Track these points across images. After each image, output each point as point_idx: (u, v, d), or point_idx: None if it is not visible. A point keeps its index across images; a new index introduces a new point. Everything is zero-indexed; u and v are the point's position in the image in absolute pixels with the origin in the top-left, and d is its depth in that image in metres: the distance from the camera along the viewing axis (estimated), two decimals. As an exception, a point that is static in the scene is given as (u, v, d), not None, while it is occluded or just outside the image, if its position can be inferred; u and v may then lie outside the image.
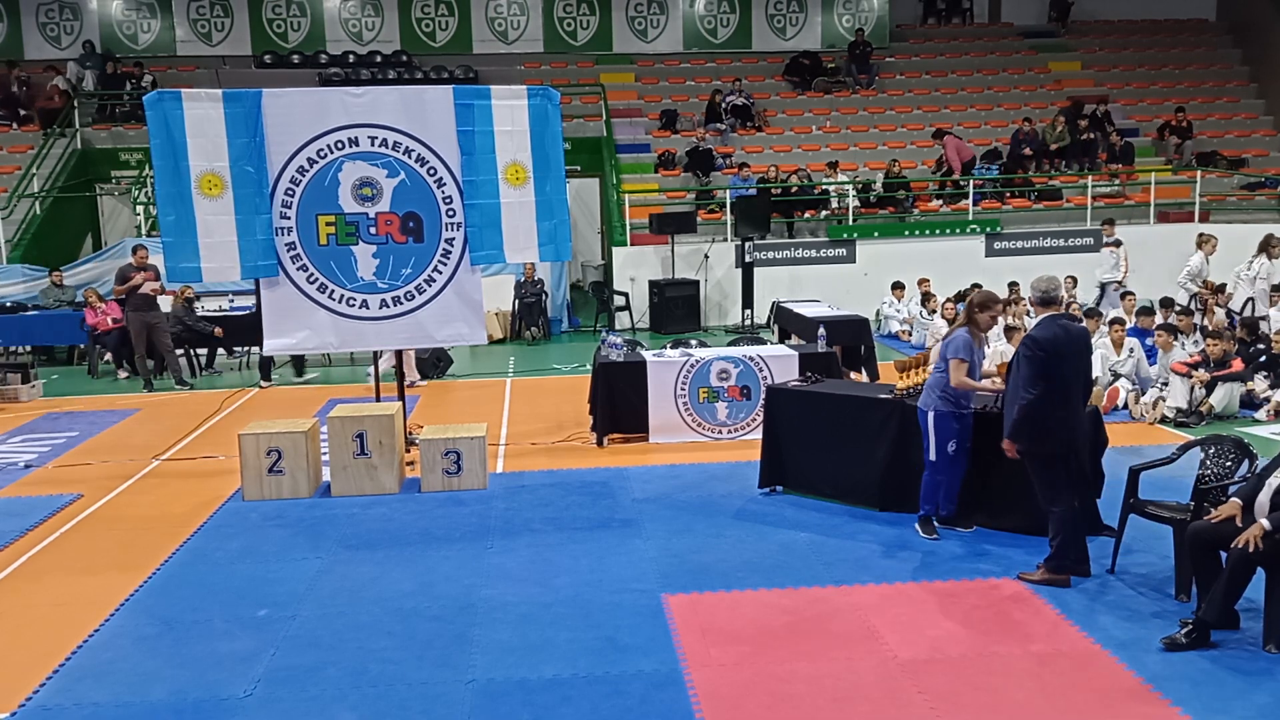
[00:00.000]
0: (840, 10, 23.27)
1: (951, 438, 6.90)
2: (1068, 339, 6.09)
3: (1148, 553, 6.56)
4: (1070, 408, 6.12)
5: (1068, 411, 6.10)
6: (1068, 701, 4.90)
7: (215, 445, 10.16)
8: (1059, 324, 6.14)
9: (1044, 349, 6.02)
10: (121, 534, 7.69)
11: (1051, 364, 6.00)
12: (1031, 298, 6.44)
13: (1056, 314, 6.22)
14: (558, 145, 9.20)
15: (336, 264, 8.98)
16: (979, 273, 16.90)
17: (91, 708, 5.05)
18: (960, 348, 6.79)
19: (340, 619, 6.00)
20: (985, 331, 7.03)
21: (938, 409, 6.90)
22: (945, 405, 6.89)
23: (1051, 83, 22.49)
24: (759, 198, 18.06)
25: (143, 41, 21.93)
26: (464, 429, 8.73)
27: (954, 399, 6.90)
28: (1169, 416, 10.24)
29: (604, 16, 22.76)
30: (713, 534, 7.32)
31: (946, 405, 6.89)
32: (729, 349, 10.47)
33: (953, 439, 6.90)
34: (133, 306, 13.10)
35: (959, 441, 6.93)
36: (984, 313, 6.93)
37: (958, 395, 6.89)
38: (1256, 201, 19.47)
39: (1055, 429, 6.05)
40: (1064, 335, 6.08)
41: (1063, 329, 6.12)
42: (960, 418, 6.92)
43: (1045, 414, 6.03)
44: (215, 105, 8.61)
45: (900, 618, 5.85)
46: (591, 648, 5.54)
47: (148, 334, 13.22)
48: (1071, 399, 6.13)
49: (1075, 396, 6.18)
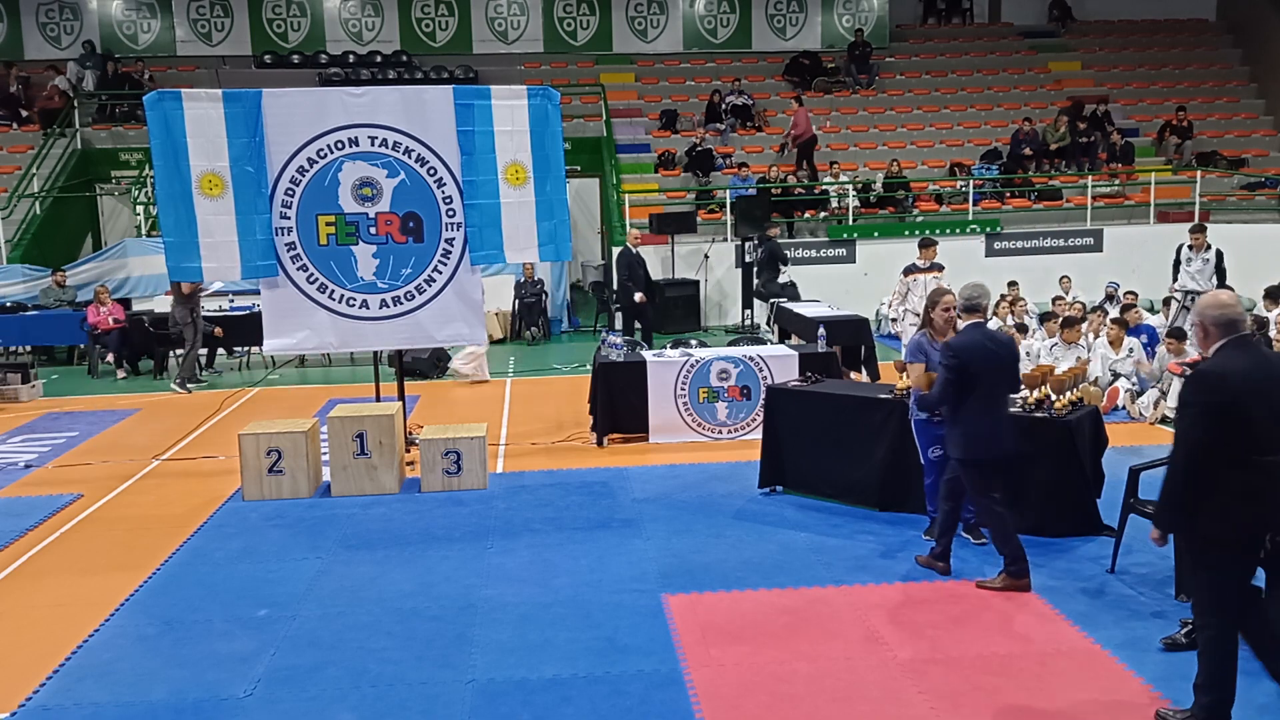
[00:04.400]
0: (840, 10, 23.28)
1: (933, 444, 6.75)
2: (989, 347, 6.07)
3: (1148, 553, 6.54)
4: (994, 415, 6.08)
5: (991, 419, 6.06)
6: (1068, 701, 4.90)
7: (215, 445, 10.16)
8: (982, 332, 6.16)
9: (958, 356, 6.00)
10: (121, 534, 7.69)
11: (967, 371, 5.98)
12: (958, 305, 6.45)
13: (980, 321, 6.22)
14: (558, 145, 9.20)
15: (336, 264, 8.99)
16: (979, 272, 16.87)
17: (91, 708, 5.05)
18: (911, 351, 6.83)
19: (340, 619, 6.00)
20: (945, 328, 6.80)
21: (918, 417, 6.84)
22: (923, 412, 6.74)
23: (1051, 83, 22.49)
24: (759, 198, 18.06)
25: (143, 41, 21.93)
26: (464, 429, 8.73)
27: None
28: (1169, 416, 10.24)
29: (604, 16, 22.76)
30: (713, 534, 7.32)
31: (924, 412, 6.73)
32: (729, 349, 10.47)
33: (934, 444, 6.74)
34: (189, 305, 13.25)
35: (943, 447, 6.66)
36: (934, 309, 6.85)
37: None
38: (1256, 201, 19.46)
39: (977, 436, 6.01)
40: (985, 343, 6.08)
41: (986, 336, 6.14)
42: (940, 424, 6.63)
43: (968, 421, 6.02)
44: (215, 105, 8.62)
45: (900, 618, 5.85)
46: (591, 648, 5.54)
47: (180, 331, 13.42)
48: (994, 407, 6.10)
49: (999, 405, 6.16)
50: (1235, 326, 4.36)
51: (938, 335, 6.81)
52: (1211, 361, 4.42)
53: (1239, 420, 4.20)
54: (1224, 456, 4.23)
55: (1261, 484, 4.21)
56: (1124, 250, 17.88)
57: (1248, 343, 4.37)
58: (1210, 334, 4.41)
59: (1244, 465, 4.21)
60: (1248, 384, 4.22)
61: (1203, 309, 4.47)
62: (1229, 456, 4.22)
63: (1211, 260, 13.40)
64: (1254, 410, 4.20)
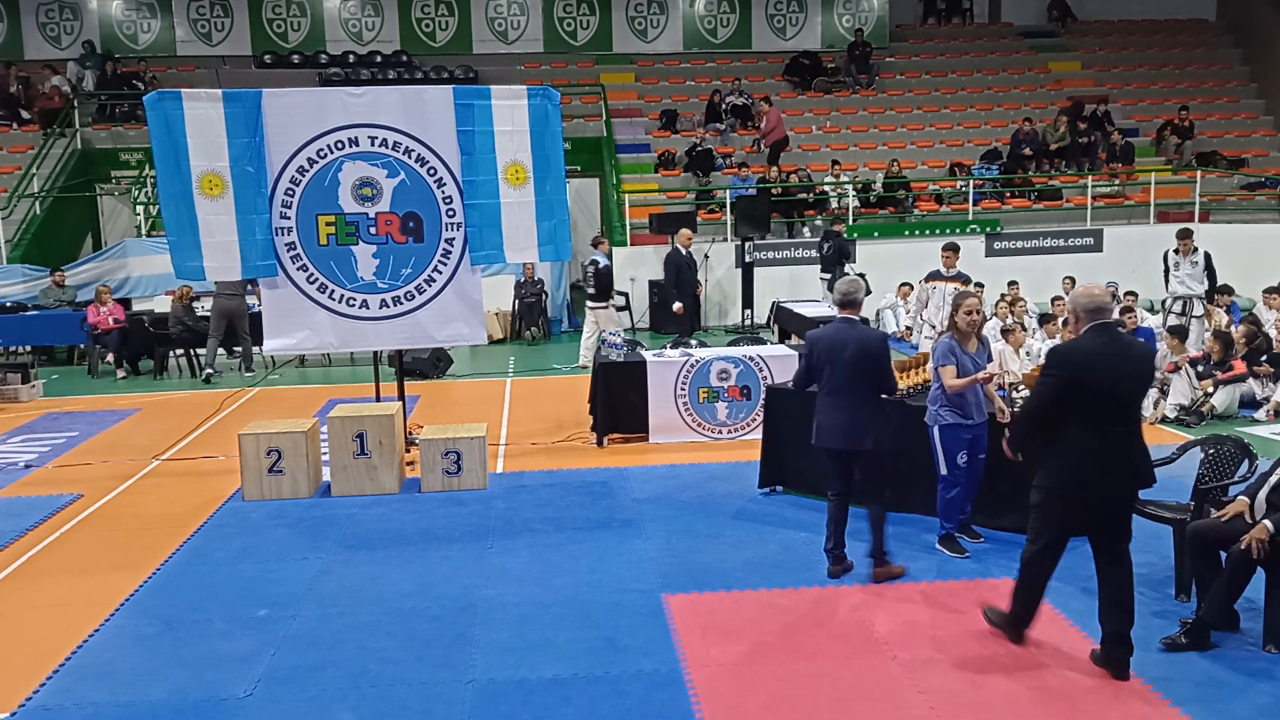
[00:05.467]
0: (840, 10, 23.27)
1: (961, 449, 6.67)
2: (844, 338, 6.26)
3: (1148, 553, 6.54)
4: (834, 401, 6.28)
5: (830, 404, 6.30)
6: (1068, 701, 4.90)
7: (215, 445, 10.16)
8: (848, 323, 6.35)
9: (810, 345, 6.45)
10: (121, 534, 7.69)
11: (818, 360, 6.34)
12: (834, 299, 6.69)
13: (851, 315, 6.40)
14: (558, 145, 9.21)
15: (336, 264, 8.99)
16: (979, 273, 16.86)
17: (91, 708, 5.05)
18: (942, 354, 6.71)
19: (340, 619, 6.00)
20: (969, 331, 6.78)
21: (942, 422, 6.68)
22: (950, 416, 6.66)
23: (1051, 83, 22.48)
24: (759, 198, 18.06)
25: (143, 41, 21.92)
26: (464, 429, 8.73)
27: (959, 409, 6.65)
28: (1169, 417, 10.24)
29: (604, 16, 22.76)
30: (713, 534, 7.32)
31: (952, 416, 6.65)
32: (729, 349, 10.46)
33: (963, 450, 6.67)
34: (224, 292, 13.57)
35: (970, 452, 6.70)
36: (958, 313, 6.81)
37: (962, 405, 6.65)
38: (1256, 201, 19.46)
39: (819, 420, 6.37)
40: (844, 334, 6.28)
41: (849, 326, 6.32)
42: (969, 428, 6.67)
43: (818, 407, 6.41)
44: (215, 105, 8.62)
45: (900, 618, 5.85)
46: (591, 648, 5.54)
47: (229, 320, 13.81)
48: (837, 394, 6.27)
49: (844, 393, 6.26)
50: (1100, 313, 5.03)
51: (962, 339, 6.75)
52: (1072, 341, 5.15)
53: (1084, 392, 4.91)
54: (1069, 420, 4.97)
55: (1096, 448, 4.94)
56: (1124, 250, 17.88)
57: (1108, 328, 5.04)
58: (1080, 319, 5.08)
59: (1084, 430, 4.95)
60: (1098, 362, 4.91)
61: (1075, 298, 5.15)
62: (1074, 421, 4.96)
63: (1201, 263, 13.24)
64: (1099, 385, 4.90)
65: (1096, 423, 4.92)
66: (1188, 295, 13.23)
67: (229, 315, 13.81)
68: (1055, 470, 5.08)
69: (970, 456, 6.71)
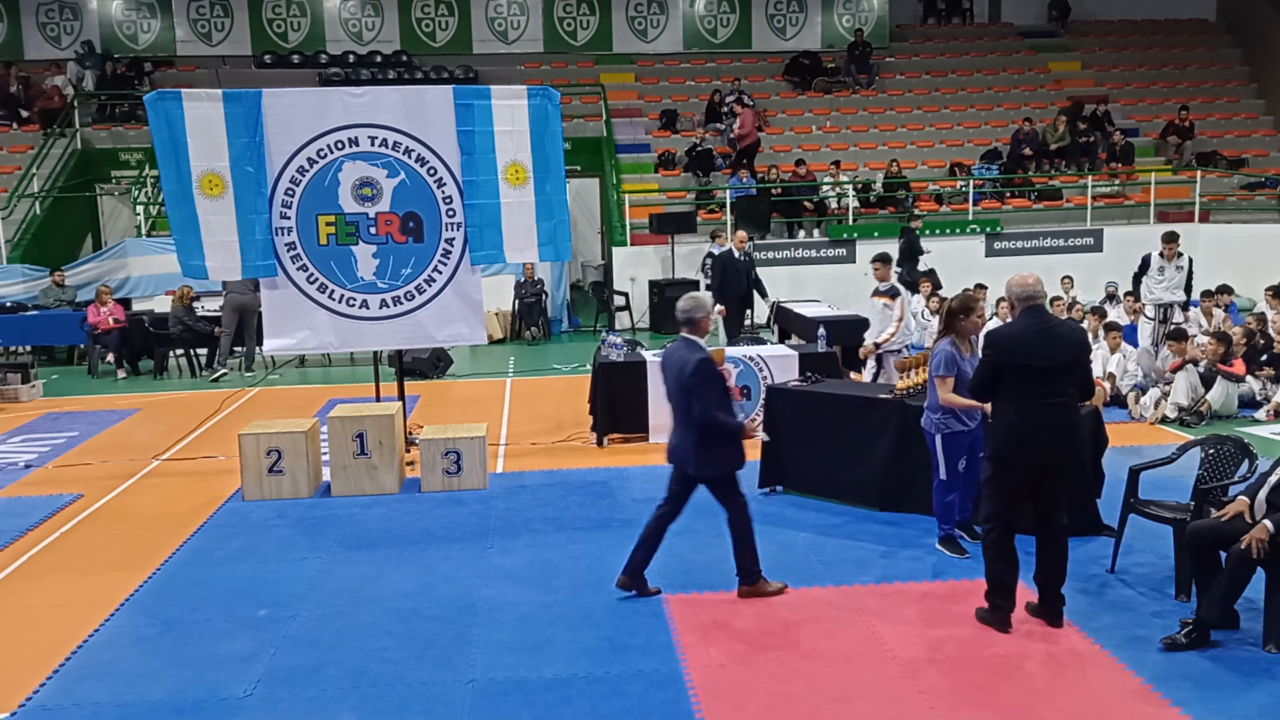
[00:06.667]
0: (840, 10, 23.27)
1: (962, 455, 6.62)
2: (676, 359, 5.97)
3: (1148, 553, 6.56)
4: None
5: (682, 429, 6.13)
6: (1068, 701, 4.90)
7: (215, 445, 10.16)
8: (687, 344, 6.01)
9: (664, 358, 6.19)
10: (121, 534, 7.69)
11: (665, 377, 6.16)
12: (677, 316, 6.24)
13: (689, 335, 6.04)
14: (558, 145, 9.20)
15: (336, 264, 8.99)
16: (979, 273, 16.88)
17: (91, 708, 5.05)
18: (942, 363, 6.47)
19: (340, 619, 6.00)
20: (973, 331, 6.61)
21: (946, 430, 6.58)
22: (953, 425, 6.55)
23: (1051, 83, 22.48)
24: (759, 198, 18.04)
25: (143, 41, 21.92)
26: (464, 429, 8.73)
27: (959, 416, 6.55)
28: (1170, 417, 10.24)
29: (604, 16, 22.76)
30: (713, 534, 7.28)
31: (954, 425, 6.55)
32: (729, 349, 10.45)
33: (963, 456, 6.62)
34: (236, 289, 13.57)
35: (970, 456, 6.64)
36: (968, 318, 6.57)
37: (961, 412, 6.53)
38: (1256, 201, 19.47)
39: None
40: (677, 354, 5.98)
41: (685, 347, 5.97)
42: (968, 433, 6.60)
43: None
44: (215, 105, 8.61)
45: (900, 618, 5.85)
46: (591, 648, 5.54)
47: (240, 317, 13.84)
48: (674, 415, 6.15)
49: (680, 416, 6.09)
50: (1032, 299, 5.57)
51: (963, 344, 6.59)
52: (1005, 325, 5.79)
53: (1017, 369, 5.47)
54: (1006, 395, 5.55)
55: (1032, 417, 5.47)
56: (1124, 250, 17.80)
57: (1039, 311, 5.60)
58: (1015, 306, 5.65)
59: (1019, 401, 5.50)
60: (1028, 343, 5.47)
61: (1009, 286, 5.68)
62: (1010, 394, 5.53)
63: (1185, 269, 12.91)
64: (1031, 363, 5.45)
65: (1029, 394, 5.44)
66: (1170, 302, 12.94)
67: (241, 310, 13.83)
68: (997, 437, 5.63)
69: (970, 460, 6.68)
